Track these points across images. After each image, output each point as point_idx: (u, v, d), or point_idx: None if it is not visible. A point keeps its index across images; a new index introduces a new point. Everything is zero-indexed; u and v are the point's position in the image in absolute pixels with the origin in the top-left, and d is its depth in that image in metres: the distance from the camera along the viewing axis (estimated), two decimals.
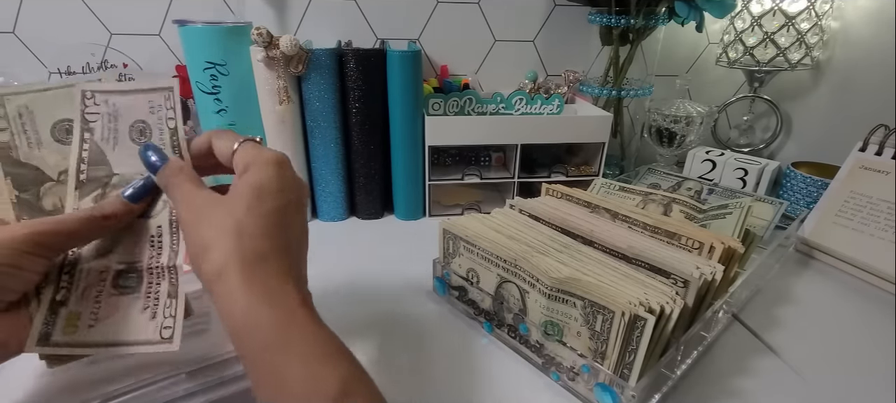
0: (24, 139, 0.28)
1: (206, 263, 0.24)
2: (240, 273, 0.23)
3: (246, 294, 0.23)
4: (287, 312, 0.23)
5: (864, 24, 0.69)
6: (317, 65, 0.57)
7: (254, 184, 0.26)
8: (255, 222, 0.25)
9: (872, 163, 0.58)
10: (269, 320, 0.23)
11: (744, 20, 0.74)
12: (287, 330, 0.23)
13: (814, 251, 0.58)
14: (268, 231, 0.25)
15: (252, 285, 0.23)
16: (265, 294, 0.23)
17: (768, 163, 0.71)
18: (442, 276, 0.47)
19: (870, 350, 0.43)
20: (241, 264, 0.23)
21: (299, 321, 0.24)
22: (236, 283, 0.23)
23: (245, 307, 0.23)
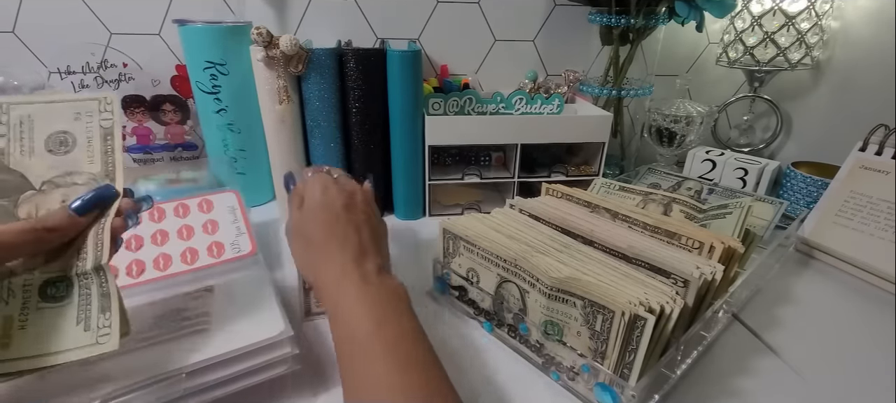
0: (17, 146, 0.29)
1: (323, 273, 0.36)
2: (334, 244, 0.37)
3: (340, 256, 0.36)
4: (364, 273, 0.35)
5: (864, 24, 0.69)
6: (317, 64, 0.57)
7: (324, 206, 0.39)
8: (346, 230, 0.38)
9: (872, 163, 0.58)
10: (372, 267, 0.35)
11: (744, 20, 0.74)
12: (382, 276, 0.35)
13: (814, 251, 0.58)
14: (337, 231, 0.38)
15: (343, 252, 0.36)
16: (353, 259, 0.36)
17: (768, 163, 0.71)
18: (442, 276, 0.47)
19: (870, 350, 0.43)
20: (327, 242, 0.37)
21: (372, 281, 0.34)
22: (333, 251, 0.36)
23: (337, 264, 0.35)
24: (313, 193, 0.40)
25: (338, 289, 0.33)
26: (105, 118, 0.31)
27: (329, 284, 0.34)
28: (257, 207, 0.70)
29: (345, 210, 0.39)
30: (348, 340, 0.30)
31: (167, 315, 0.38)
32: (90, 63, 0.69)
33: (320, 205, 0.39)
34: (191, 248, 0.46)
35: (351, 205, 0.40)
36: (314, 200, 0.40)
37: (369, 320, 0.31)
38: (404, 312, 0.33)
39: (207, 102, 0.61)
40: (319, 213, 0.39)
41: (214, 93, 0.60)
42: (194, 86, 0.61)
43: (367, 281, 0.34)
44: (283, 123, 0.59)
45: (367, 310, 0.31)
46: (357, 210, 0.40)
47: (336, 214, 0.38)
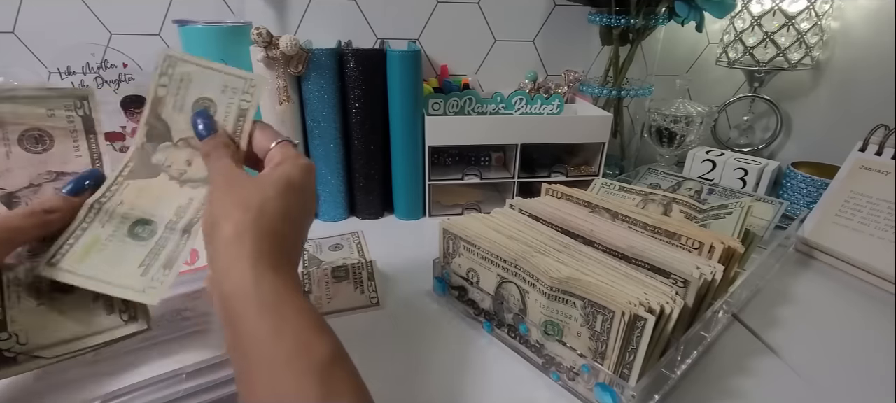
0: (173, 100, 0.31)
1: (225, 227, 0.26)
2: (253, 241, 0.25)
3: (254, 259, 0.25)
4: (286, 282, 0.25)
5: (864, 24, 0.69)
6: (317, 65, 0.57)
7: (287, 177, 0.28)
8: (279, 206, 0.27)
9: (872, 163, 0.58)
10: (270, 285, 0.24)
11: (744, 20, 0.74)
12: (285, 297, 0.25)
13: (814, 251, 0.58)
14: (286, 220, 0.27)
15: (261, 254, 0.25)
16: (270, 264, 0.25)
17: (768, 163, 0.71)
18: (442, 276, 0.47)
19: (870, 350, 0.43)
20: (257, 234, 0.25)
21: (295, 293, 0.25)
22: (248, 249, 0.25)
23: (250, 270, 0.24)
24: (296, 168, 0.30)
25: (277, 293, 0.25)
26: (245, 98, 0.32)
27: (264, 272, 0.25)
28: None
29: (309, 212, 0.31)
30: (298, 362, 0.23)
31: (167, 315, 0.38)
32: (90, 63, 0.69)
33: (299, 185, 0.29)
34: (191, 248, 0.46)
35: (311, 207, 0.32)
36: (295, 177, 0.29)
37: (327, 345, 0.24)
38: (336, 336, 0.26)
39: None
40: (296, 191, 0.29)
41: None
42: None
43: (299, 290, 0.26)
44: (284, 124, 0.59)
45: (319, 332, 0.25)
46: (312, 211, 0.32)
47: (308, 209, 0.31)
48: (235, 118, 0.32)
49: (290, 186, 0.28)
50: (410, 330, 0.45)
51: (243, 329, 0.24)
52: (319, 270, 0.49)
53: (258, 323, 0.23)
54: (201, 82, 0.32)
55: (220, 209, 0.27)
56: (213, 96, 0.32)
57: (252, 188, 0.27)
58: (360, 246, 0.57)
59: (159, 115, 0.31)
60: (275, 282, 0.25)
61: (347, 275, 0.49)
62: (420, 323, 0.45)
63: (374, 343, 0.42)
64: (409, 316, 0.46)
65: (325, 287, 0.48)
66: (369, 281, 0.49)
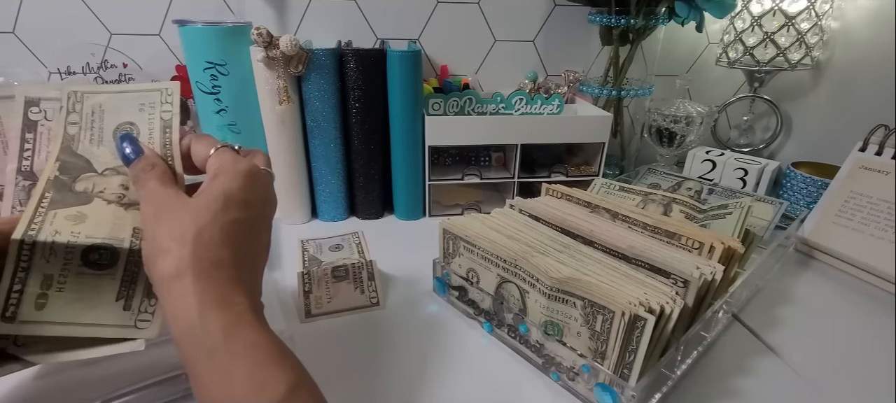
0: (88, 134, 0.30)
1: (162, 265, 0.24)
2: (194, 279, 0.24)
3: (198, 298, 0.23)
4: (235, 316, 0.24)
5: (864, 24, 0.69)
6: (317, 65, 0.57)
7: (222, 192, 0.26)
8: (217, 230, 0.25)
9: (872, 163, 0.58)
10: (217, 323, 0.23)
11: (744, 20, 0.74)
12: (235, 334, 0.23)
13: (814, 251, 0.58)
14: (228, 240, 0.25)
15: (205, 290, 0.24)
16: (216, 299, 0.24)
17: (768, 163, 0.71)
18: (442, 276, 0.47)
19: (870, 350, 0.43)
20: (197, 270, 0.24)
21: (247, 325, 0.24)
22: (190, 288, 0.23)
23: (195, 310, 0.23)
24: (243, 171, 0.28)
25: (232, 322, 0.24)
26: (165, 109, 0.31)
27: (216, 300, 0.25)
28: None
29: (267, 217, 0.31)
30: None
31: None
32: (90, 63, 0.69)
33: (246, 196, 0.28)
34: None
35: (269, 213, 0.31)
36: (242, 183, 0.28)
37: (282, 381, 0.23)
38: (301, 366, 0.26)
39: (207, 103, 0.61)
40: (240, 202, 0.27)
41: (214, 94, 0.60)
42: (194, 86, 0.61)
43: (259, 318, 0.26)
44: (284, 124, 0.59)
45: (274, 367, 0.24)
46: (270, 218, 0.31)
47: (261, 218, 0.30)
48: (161, 132, 0.31)
49: (228, 202, 0.26)
50: (410, 330, 0.45)
51: (196, 375, 0.23)
52: (319, 270, 0.49)
53: (208, 370, 0.22)
54: (115, 108, 0.31)
55: (154, 244, 0.25)
56: (132, 118, 0.31)
57: (185, 215, 0.25)
58: (360, 246, 0.57)
59: (75, 152, 0.29)
60: (222, 320, 0.23)
61: (347, 275, 0.49)
62: (420, 323, 0.45)
63: (374, 343, 0.42)
64: (409, 316, 0.46)
65: (326, 287, 0.48)
66: (369, 281, 0.49)
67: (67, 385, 0.30)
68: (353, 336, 0.43)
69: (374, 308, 0.47)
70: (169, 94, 0.31)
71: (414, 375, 0.39)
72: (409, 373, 0.39)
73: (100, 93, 0.31)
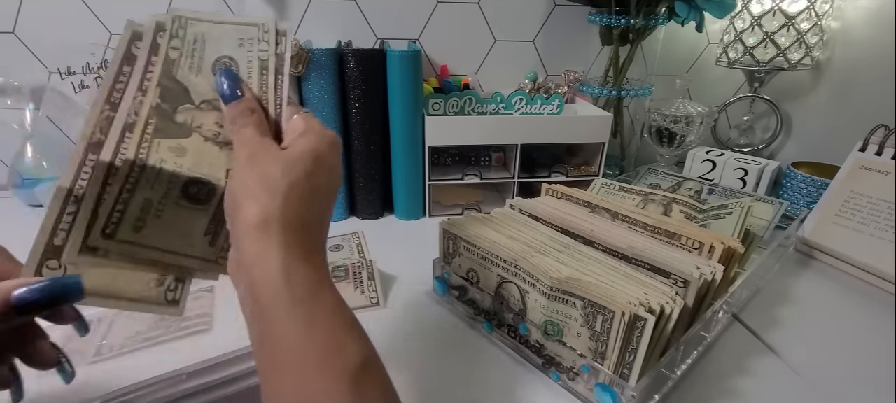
0: (188, 61, 0.29)
1: (248, 210, 0.24)
2: (281, 232, 0.23)
3: (284, 250, 0.23)
4: (319, 276, 0.24)
5: (864, 24, 0.69)
6: (317, 65, 0.57)
7: (312, 152, 0.26)
8: (306, 190, 0.25)
9: (872, 163, 0.58)
10: (302, 279, 0.23)
11: (744, 20, 0.74)
12: (319, 292, 0.23)
13: (814, 251, 0.58)
14: (312, 202, 0.25)
15: (291, 244, 0.23)
16: (301, 256, 0.24)
17: (768, 163, 0.71)
18: (442, 276, 0.47)
19: (870, 350, 0.43)
20: (283, 224, 0.23)
21: (328, 288, 0.24)
22: (276, 239, 0.23)
23: (280, 262, 0.23)
24: (320, 137, 0.27)
25: (314, 285, 0.24)
26: (262, 48, 0.30)
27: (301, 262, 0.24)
28: None
29: (336, 181, 0.29)
30: (326, 367, 0.22)
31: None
32: (90, 63, 0.69)
33: (324, 155, 0.27)
34: None
35: (337, 177, 0.30)
36: (322, 145, 0.27)
37: (358, 352, 0.23)
38: (368, 338, 0.25)
39: None
40: (320, 159, 0.27)
41: None
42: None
43: (331, 287, 0.25)
44: None
45: (350, 334, 0.24)
46: (337, 184, 0.30)
47: (334, 181, 0.29)
48: (259, 73, 0.29)
49: (318, 164, 0.26)
50: (410, 330, 0.45)
51: (272, 324, 0.22)
52: None
53: (289, 319, 0.22)
54: (217, 39, 0.29)
55: (243, 188, 0.24)
56: (232, 53, 0.29)
57: (278, 165, 0.25)
58: (360, 246, 0.57)
59: (174, 77, 0.29)
60: (307, 275, 0.23)
61: (347, 275, 0.49)
62: (420, 323, 0.45)
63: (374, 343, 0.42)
64: (409, 316, 0.46)
65: None
66: (369, 281, 0.49)
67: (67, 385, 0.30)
68: None
69: (374, 308, 0.47)
70: (265, 31, 0.30)
71: (414, 375, 0.39)
72: (410, 373, 0.39)
73: (203, 21, 0.29)
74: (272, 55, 0.30)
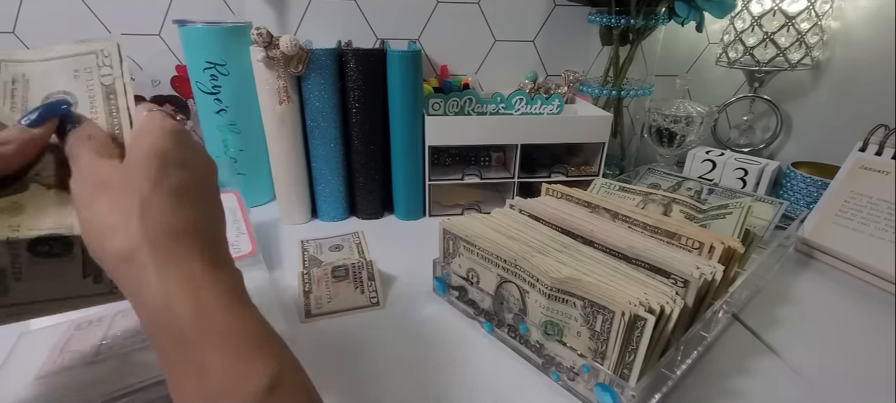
0: (8, 103, 0.27)
1: (110, 245, 0.21)
2: (150, 252, 0.21)
3: (159, 279, 0.20)
4: (206, 295, 0.21)
5: (864, 24, 0.69)
6: (317, 65, 0.57)
7: (155, 154, 0.23)
8: (164, 196, 0.22)
9: (872, 163, 0.58)
10: (185, 304, 0.20)
11: (744, 20, 0.74)
12: (207, 320, 0.21)
13: (814, 251, 0.58)
14: (177, 206, 0.22)
15: (165, 269, 0.21)
16: (181, 279, 0.21)
17: (768, 163, 0.71)
18: (442, 276, 0.47)
19: (870, 351, 0.43)
20: (151, 246, 0.21)
21: (220, 306, 0.21)
22: (148, 268, 0.20)
23: (157, 290, 0.20)
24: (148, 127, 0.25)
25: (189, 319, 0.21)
26: (104, 73, 0.27)
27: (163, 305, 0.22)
28: (257, 207, 0.70)
29: (186, 163, 0.26)
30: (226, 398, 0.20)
31: None
32: None
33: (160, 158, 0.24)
34: None
35: (193, 154, 0.27)
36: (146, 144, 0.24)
37: (262, 374, 0.21)
38: (282, 342, 0.23)
39: (207, 103, 0.61)
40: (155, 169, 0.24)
41: (214, 94, 0.61)
42: (194, 86, 0.61)
43: (223, 298, 0.22)
44: (284, 124, 0.59)
45: (249, 356, 0.21)
46: (205, 162, 0.28)
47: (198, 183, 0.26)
48: (105, 101, 0.27)
49: (165, 163, 0.23)
50: (410, 330, 0.45)
51: (167, 366, 0.20)
52: (319, 270, 0.49)
53: (179, 358, 0.20)
54: (43, 77, 0.27)
55: (97, 223, 0.22)
56: (66, 87, 0.27)
57: (121, 184, 0.22)
58: (360, 246, 0.57)
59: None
60: (191, 300, 0.20)
61: (347, 275, 0.49)
62: (420, 323, 0.45)
63: (374, 343, 0.42)
64: (409, 316, 0.46)
65: (326, 287, 0.48)
66: (369, 281, 0.49)
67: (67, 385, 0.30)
68: (354, 337, 0.43)
69: (374, 308, 0.47)
70: (105, 56, 0.27)
71: (414, 375, 0.39)
72: (410, 373, 0.39)
73: (21, 61, 0.27)
74: (119, 78, 0.27)
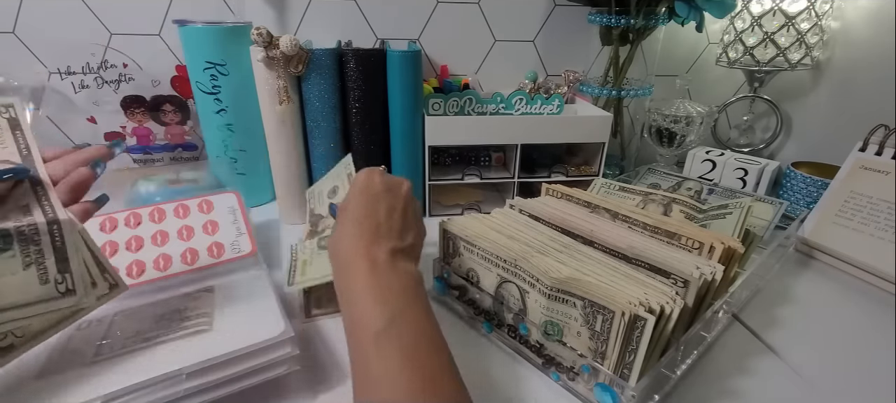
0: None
1: (342, 246, 0.35)
2: (353, 223, 0.36)
3: (355, 239, 0.35)
4: (374, 258, 0.33)
5: (864, 24, 0.69)
6: (317, 65, 0.57)
7: (350, 195, 0.39)
8: (355, 206, 0.37)
9: (872, 163, 0.58)
10: (363, 263, 0.33)
11: (744, 20, 0.74)
12: (383, 270, 0.33)
13: (814, 251, 0.58)
14: (365, 211, 0.37)
15: (360, 236, 0.35)
16: (366, 243, 0.34)
17: (768, 163, 0.71)
18: (442, 276, 0.47)
19: (870, 350, 0.43)
20: (351, 221, 0.36)
21: (382, 267, 0.33)
22: (350, 231, 0.35)
23: (350, 245, 0.34)
24: (359, 175, 0.41)
25: (347, 272, 0.33)
26: (10, 115, 0.31)
27: (340, 264, 0.35)
28: (257, 208, 0.70)
29: (385, 191, 0.39)
30: (360, 331, 0.30)
31: (167, 315, 0.38)
32: (90, 63, 0.69)
33: (360, 186, 0.39)
34: (191, 249, 0.46)
35: (391, 188, 0.40)
36: (357, 181, 0.40)
37: (381, 316, 0.30)
38: (418, 306, 0.32)
39: (207, 103, 0.61)
40: (356, 193, 0.39)
41: (214, 94, 0.60)
42: (194, 86, 0.61)
43: (375, 267, 0.33)
44: (284, 124, 0.59)
45: (376, 303, 0.31)
46: (396, 195, 0.40)
47: (374, 194, 0.39)
48: (11, 130, 0.31)
49: (376, 196, 0.38)
50: None
51: (351, 292, 0.32)
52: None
53: (365, 290, 0.32)
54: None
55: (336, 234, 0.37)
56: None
57: (353, 210, 0.38)
58: None
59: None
60: (364, 261, 0.33)
61: None
62: None
63: None
64: None
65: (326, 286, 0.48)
66: None
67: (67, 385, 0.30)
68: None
69: None
70: (8, 107, 0.31)
71: None
72: None
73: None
74: (21, 115, 0.31)
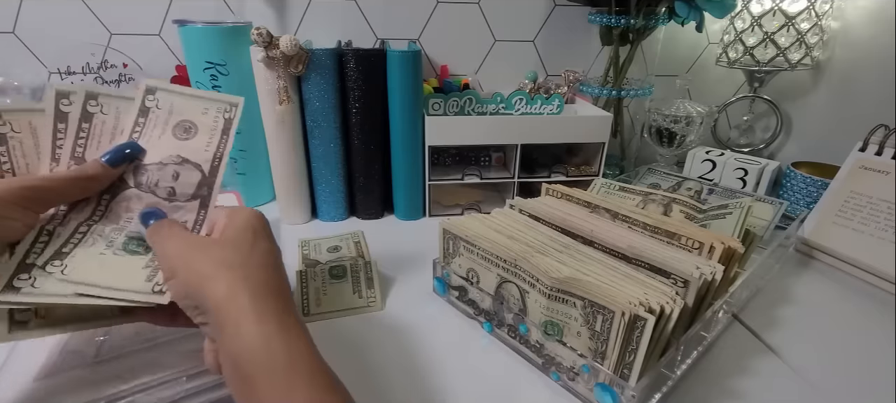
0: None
1: (211, 289, 0.25)
2: (251, 299, 0.24)
3: (257, 317, 0.24)
4: (295, 341, 0.24)
5: (864, 24, 0.69)
6: (317, 65, 0.57)
7: (246, 227, 0.28)
8: (257, 258, 0.27)
9: (872, 163, 0.58)
10: (280, 345, 0.24)
11: (744, 20, 0.74)
12: (297, 357, 0.24)
13: (814, 251, 0.58)
14: (269, 267, 0.27)
15: (264, 311, 0.24)
16: (275, 321, 0.24)
17: (768, 163, 0.71)
18: (442, 276, 0.47)
19: (870, 351, 0.43)
20: (251, 292, 0.25)
21: (306, 352, 0.25)
22: (248, 307, 0.24)
23: (256, 329, 0.24)
24: (243, 214, 0.30)
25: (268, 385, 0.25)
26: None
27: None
28: (257, 208, 0.70)
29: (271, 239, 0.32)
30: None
31: None
32: (90, 63, 0.69)
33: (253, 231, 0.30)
34: None
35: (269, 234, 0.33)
36: (244, 221, 0.30)
37: None
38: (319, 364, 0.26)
39: None
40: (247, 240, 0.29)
41: None
42: (194, 86, 0.61)
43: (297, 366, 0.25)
44: (284, 124, 0.59)
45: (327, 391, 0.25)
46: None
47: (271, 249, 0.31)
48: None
49: (256, 235, 0.28)
50: (410, 330, 0.45)
51: (252, 387, 0.23)
52: (317, 270, 0.49)
53: (268, 383, 0.23)
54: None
55: (198, 272, 0.25)
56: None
57: (219, 250, 0.26)
58: (359, 246, 0.57)
59: None
60: (285, 342, 0.24)
61: (347, 276, 0.49)
62: (420, 324, 0.45)
63: (374, 343, 0.42)
64: (409, 316, 0.46)
65: (325, 287, 0.48)
66: (369, 281, 0.49)
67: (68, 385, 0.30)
68: (353, 337, 0.43)
69: (373, 308, 0.47)
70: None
71: (414, 375, 0.39)
72: (409, 373, 0.39)
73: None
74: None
